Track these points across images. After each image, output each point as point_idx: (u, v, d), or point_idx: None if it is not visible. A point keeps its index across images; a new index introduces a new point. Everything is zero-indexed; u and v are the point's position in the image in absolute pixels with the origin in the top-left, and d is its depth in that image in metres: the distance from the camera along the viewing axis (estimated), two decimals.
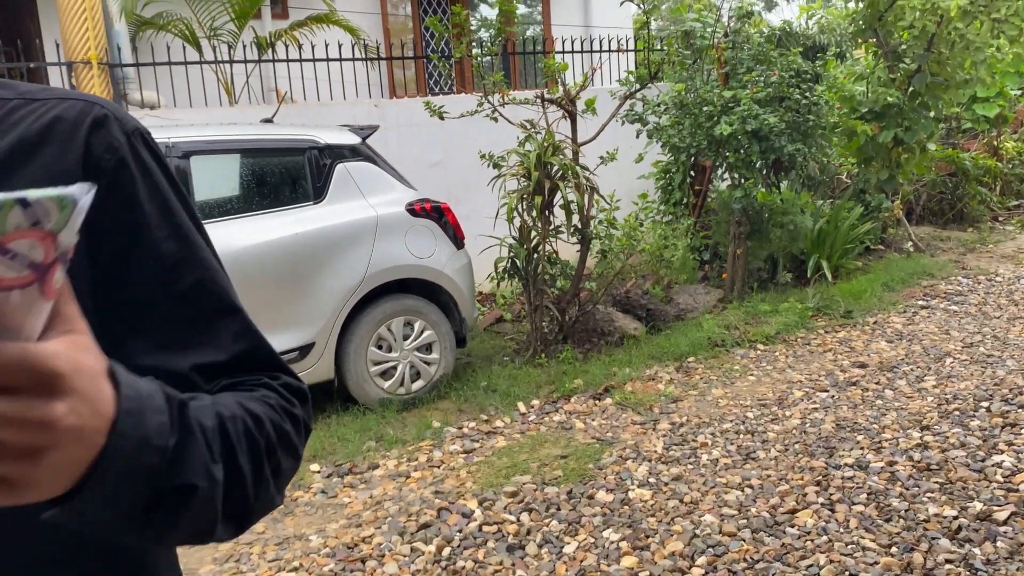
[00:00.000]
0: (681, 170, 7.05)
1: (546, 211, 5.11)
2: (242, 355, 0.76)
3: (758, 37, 6.25)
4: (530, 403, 4.58)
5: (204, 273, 0.77)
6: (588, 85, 5.38)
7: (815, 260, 6.68)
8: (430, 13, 9.32)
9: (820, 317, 5.91)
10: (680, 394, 4.62)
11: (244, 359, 0.76)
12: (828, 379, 4.73)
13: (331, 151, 4.59)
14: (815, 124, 6.18)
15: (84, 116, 0.73)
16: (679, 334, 5.47)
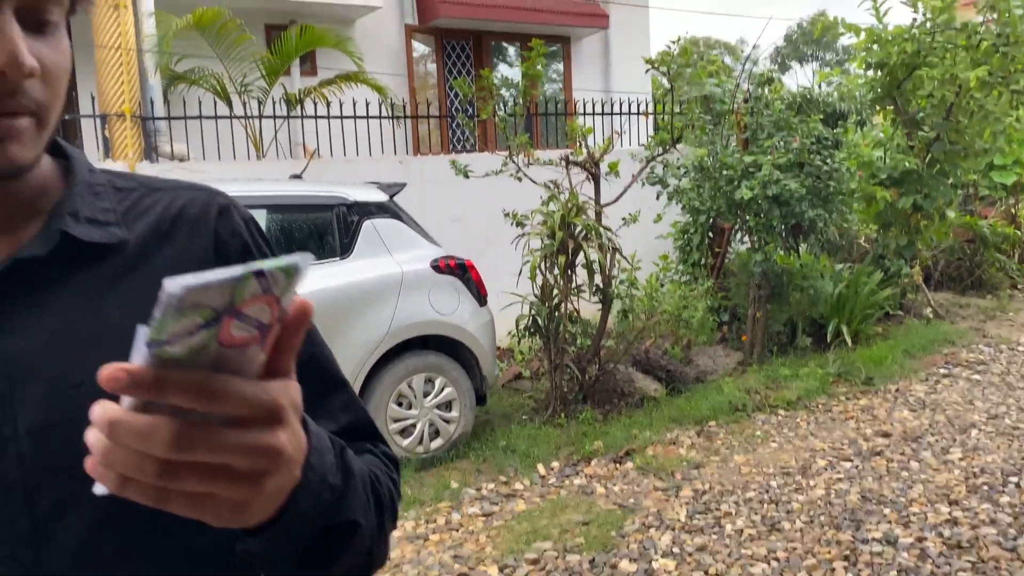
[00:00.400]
0: (700, 231, 7.08)
1: (569, 270, 5.13)
2: (350, 425, 0.82)
3: (779, 104, 6.33)
4: (550, 465, 4.54)
5: (316, 348, 0.82)
6: (611, 148, 5.45)
7: (835, 325, 6.66)
8: (454, 74, 9.52)
9: (841, 383, 5.87)
10: (702, 460, 4.57)
11: (352, 429, 0.82)
12: (852, 448, 4.67)
13: (359, 208, 4.64)
14: (835, 190, 6.22)
15: (210, 205, 0.79)
16: (699, 397, 5.44)
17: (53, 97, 0.68)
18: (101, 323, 0.71)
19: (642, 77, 10.28)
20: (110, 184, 0.79)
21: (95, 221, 0.75)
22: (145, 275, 0.74)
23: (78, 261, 0.72)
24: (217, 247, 0.77)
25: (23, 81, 0.64)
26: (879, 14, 7.29)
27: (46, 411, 0.69)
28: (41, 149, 0.69)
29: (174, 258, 0.75)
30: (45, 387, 0.69)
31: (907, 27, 7.23)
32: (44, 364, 0.69)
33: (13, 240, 0.72)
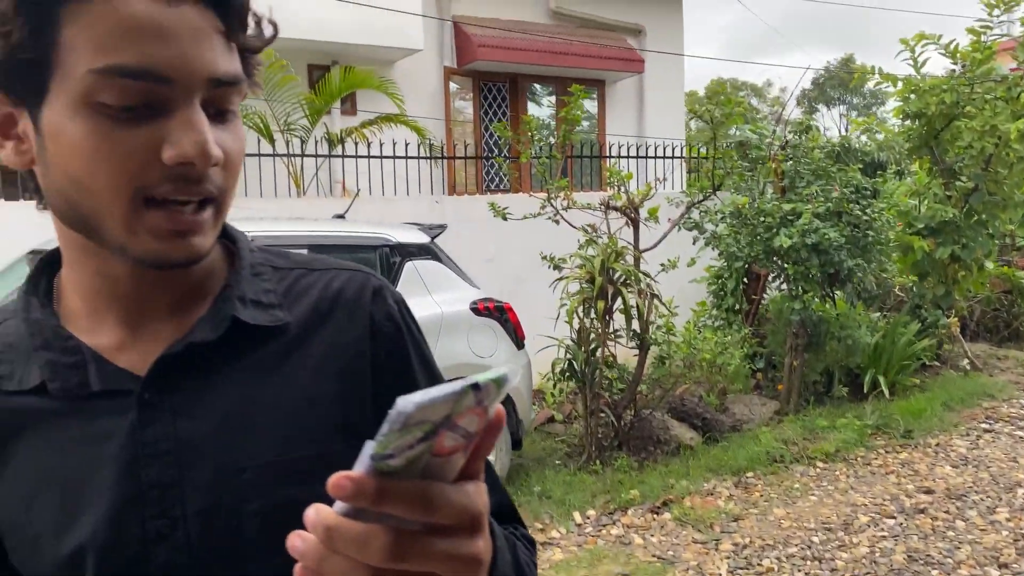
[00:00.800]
0: (735, 276, 7.06)
1: (607, 315, 5.12)
2: (496, 508, 0.82)
3: (819, 153, 6.33)
4: (586, 513, 4.49)
5: None
6: (652, 194, 5.47)
7: (872, 375, 6.57)
8: (490, 115, 9.63)
9: (879, 435, 5.77)
10: (741, 512, 4.50)
11: (497, 512, 0.81)
12: (894, 504, 4.58)
13: (401, 249, 4.68)
14: (874, 239, 6.18)
15: (365, 288, 0.81)
16: (736, 446, 5.37)
17: (231, 182, 0.71)
18: (263, 407, 0.73)
19: (676, 121, 10.37)
20: (269, 264, 0.81)
21: (259, 303, 0.77)
22: (305, 358, 0.76)
23: (244, 344, 0.74)
24: (372, 331, 0.79)
25: (209, 170, 0.66)
26: (917, 64, 7.30)
27: (212, 495, 0.70)
28: (216, 235, 0.72)
29: (332, 342, 0.77)
30: (211, 471, 0.70)
31: (945, 77, 7.23)
32: (211, 448, 0.71)
33: (182, 322, 0.75)
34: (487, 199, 6.31)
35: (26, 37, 0.63)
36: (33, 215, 3.60)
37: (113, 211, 0.65)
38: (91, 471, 0.69)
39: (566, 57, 9.31)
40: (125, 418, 0.70)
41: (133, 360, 0.72)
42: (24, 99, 0.66)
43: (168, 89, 0.64)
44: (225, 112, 0.69)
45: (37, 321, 0.73)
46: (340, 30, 7.51)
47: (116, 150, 0.63)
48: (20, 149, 0.69)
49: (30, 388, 0.71)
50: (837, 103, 36.24)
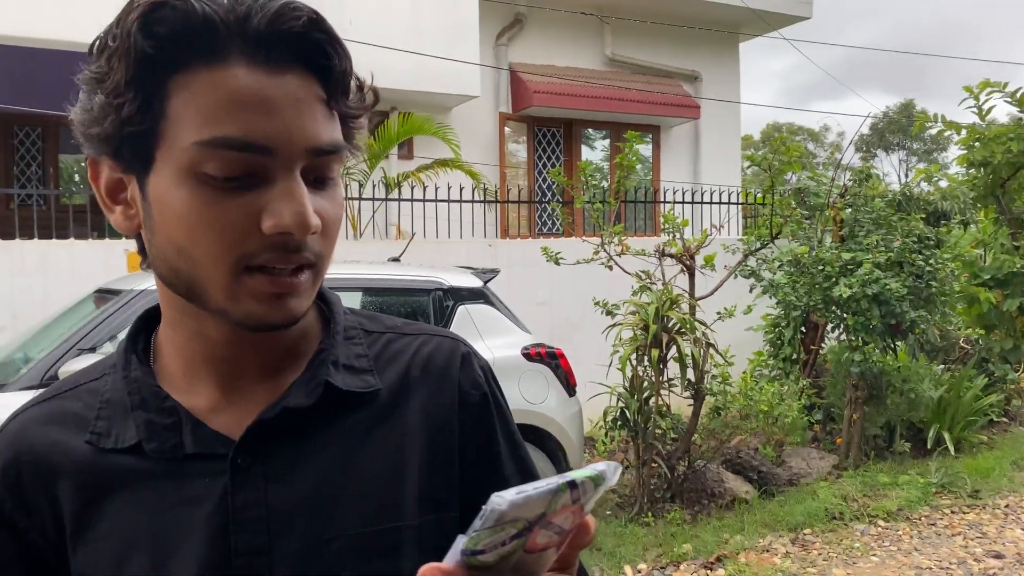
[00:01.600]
0: (792, 326, 6.92)
1: (661, 364, 5.05)
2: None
3: (880, 201, 6.22)
4: (637, 567, 4.39)
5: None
6: (708, 242, 5.42)
7: (936, 431, 6.34)
8: (544, 159, 9.70)
9: (944, 494, 5.54)
10: (798, 570, 4.34)
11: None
12: (961, 569, 4.38)
13: (454, 293, 4.71)
14: (938, 291, 6.01)
15: (455, 355, 0.80)
16: (793, 501, 5.21)
17: (329, 247, 0.71)
18: (353, 476, 0.73)
19: (732, 167, 10.32)
20: (360, 327, 0.81)
21: (351, 368, 0.77)
22: (396, 426, 0.76)
23: (336, 409, 0.74)
24: (460, 400, 0.78)
25: (307, 239, 0.67)
26: (982, 112, 7.16)
27: (300, 566, 0.70)
28: (313, 298, 0.72)
29: (422, 409, 0.77)
30: (300, 541, 0.70)
31: (1012, 126, 7.07)
32: (302, 517, 0.71)
33: (276, 384, 0.75)
34: (540, 243, 6.33)
35: (136, 110, 0.65)
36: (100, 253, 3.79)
37: (215, 278, 0.66)
38: (182, 535, 0.69)
39: (621, 103, 9.36)
40: (218, 482, 0.70)
41: (227, 423, 0.72)
42: (132, 167, 0.68)
43: (270, 160, 0.65)
44: (325, 179, 0.70)
45: (136, 379, 0.74)
46: (399, 77, 7.68)
47: (218, 219, 0.64)
48: (128, 214, 0.70)
49: (126, 447, 0.72)
50: (896, 148, 35.67)
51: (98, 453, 0.72)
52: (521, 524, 0.45)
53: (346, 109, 0.71)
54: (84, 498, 0.71)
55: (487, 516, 0.44)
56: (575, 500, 0.46)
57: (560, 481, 0.45)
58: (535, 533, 0.46)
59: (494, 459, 0.78)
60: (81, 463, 0.72)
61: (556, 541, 0.48)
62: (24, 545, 0.73)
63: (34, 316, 5.02)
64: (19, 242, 5.57)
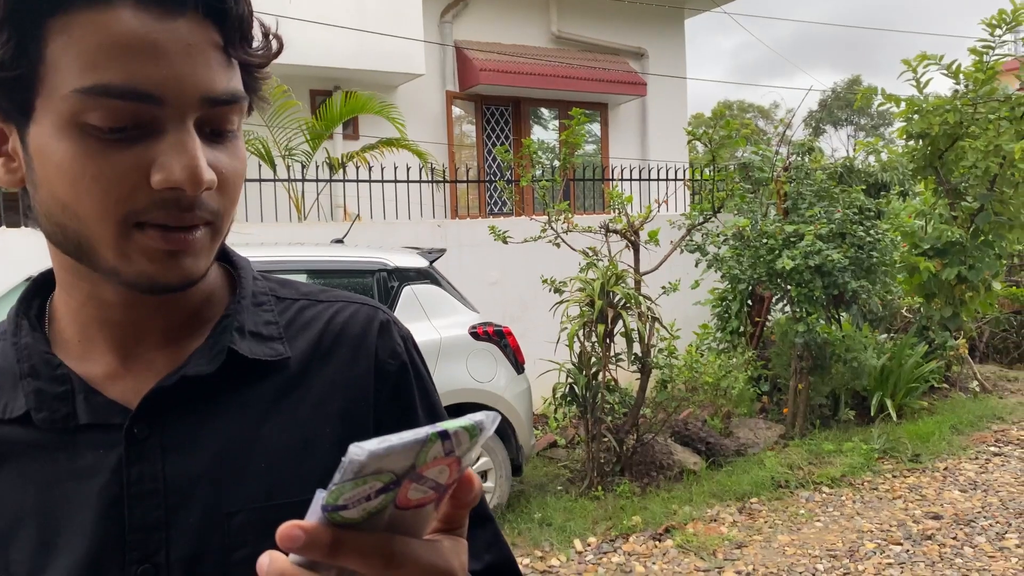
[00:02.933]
0: (739, 299, 7.01)
1: (608, 339, 5.08)
2: (494, 565, 0.77)
3: (821, 174, 6.30)
4: (587, 540, 4.42)
5: None
6: (651, 217, 5.44)
7: (879, 398, 6.49)
8: (492, 138, 9.65)
9: (886, 460, 5.69)
10: (744, 539, 4.42)
11: (495, 569, 0.77)
12: (901, 530, 4.50)
13: (399, 273, 4.66)
14: (878, 260, 6.13)
15: (372, 322, 0.77)
16: (740, 471, 5.29)
17: (228, 204, 0.67)
18: (258, 447, 0.69)
19: (679, 144, 10.36)
20: (272, 293, 0.78)
21: (259, 336, 0.73)
22: (304, 396, 0.72)
23: (240, 378, 0.71)
24: (377, 368, 0.75)
25: (201, 195, 0.63)
26: (919, 85, 7.28)
27: (199, 541, 0.66)
28: (212, 258, 0.68)
29: (334, 380, 0.73)
30: (199, 515, 0.67)
31: (949, 98, 7.21)
32: (201, 490, 0.67)
33: (177, 352, 0.71)
34: (489, 222, 6.30)
35: (10, 53, 0.60)
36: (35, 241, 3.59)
37: (102, 235, 0.62)
38: (73, 510, 0.65)
39: (568, 81, 9.34)
40: (112, 453, 0.66)
41: (124, 391, 0.68)
42: (11, 116, 0.64)
43: (158, 109, 0.60)
44: (223, 132, 0.66)
45: (26, 346, 0.70)
46: (342, 55, 7.55)
47: (103, 173, 0.60)
48: (10, 167, 0.66)
49: (15, 417, 0.68)
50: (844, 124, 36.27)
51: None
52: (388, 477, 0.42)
53: (245, 56, 0.66)
54: None
55: (346, 468, 0.41)
56: (448, 452, 0.43)
57: (430, 431, 0.42)
58: (405, 487, 0.43)
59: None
60: None
61: (432, 497, 0.46)
62: None
63: None
64: None
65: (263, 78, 0.71)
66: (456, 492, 0.48)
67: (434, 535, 0.49)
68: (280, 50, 0.70)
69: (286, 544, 0.43)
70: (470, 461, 0.46)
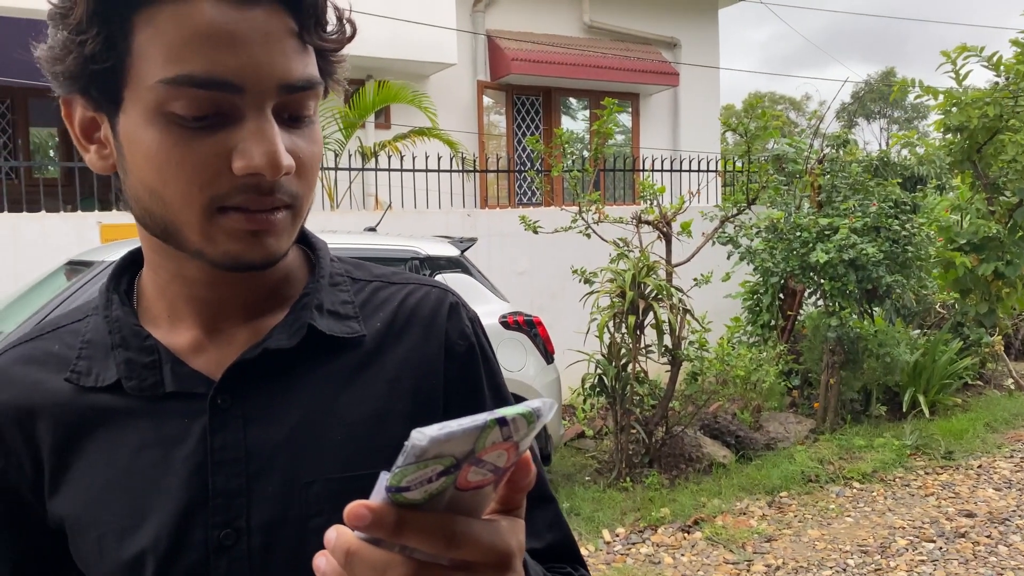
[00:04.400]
0: (770, 292, 6.95)
1: (638, 330, 5.07)
2: (554, 544, 0.78)
3: (856, 167, 6.22)
4: (615, 531, 4.43)
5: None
6: (685, 208, 5.41)
7: (911, 394, 6.42)
8: (523, 128, 9.64)
9: (919, 456, 5.63)
10: (774, 532, 4.40)
11: (555, 548, 0.78)
12: (933, 528, 4.45)
13: (431, 262, 4.68)
14: (913, 255, 6.05)
15: (441, 304, 0.79)
16: (770, 465, 5.27)
17: (307, 188, 0.69)
18: (334, 420, 0.72)
19: (711, 135, 10.28)
20: (347, 275, 0.80)
21: (336, 314, 0.76)
22: (378, 373, 0.75)
23: (318, 354, 0.73)
24: (447, 349, 0.77)
25: (280, 179, 0.65)
26: (959, 77, 7.16)
27: (277, 508, 0.69)
28: (293, 239, 0.70)
29: (406, 358, 0.75)
30: (278, 483, 0.69)
31: (988, 90, 7.08)
32: (280, 459, 0.70)
33: (259, 327, 0.74)
34: (519, 212, 6.30)
35: (100, 47, 0.63)
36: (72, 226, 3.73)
37: (188, 219, 0.65)
38: (159, 475, 0.69)
39: (600, 70, 9.30)
40: (196, 422, 0.69)
41: (208, 363, 0.72)
42: (103, 106, 0.66)
43: (238, 97, 0.63)
44: (301, 117, 0.68)
45: (117, 319, 0.73)
46: (375, 45, 7.58)
47: (187, 160, 0.63)
48: (102, 154, 0.69)
49: (106, 385, 0.71)
50: (878, 117, 35.74)
51: (78, 392, 0.72)
52: (448, 461, 0.44)
53: (320, 42, 0.68)
54: (63, 437, 0.71)
55: (408, 452, 0.43)
56: (506, 437, 0.45)
57: (488, 418, 0.44)
58: (465, 470, 0.45)
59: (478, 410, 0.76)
60: (61, 402, 0.71)
61: (491, 479, 0.47)
62: (1, 483, 0.73)
63: (5, 289, 4.95)
64: None
65: (338, 61, 0.72)
66: (513, 475, 0.49)
67: (492, 515, 0.50)
68: (354, 34, 0.71)
69: (353, 522, 0.44)
70: (527, 446, 0.48)
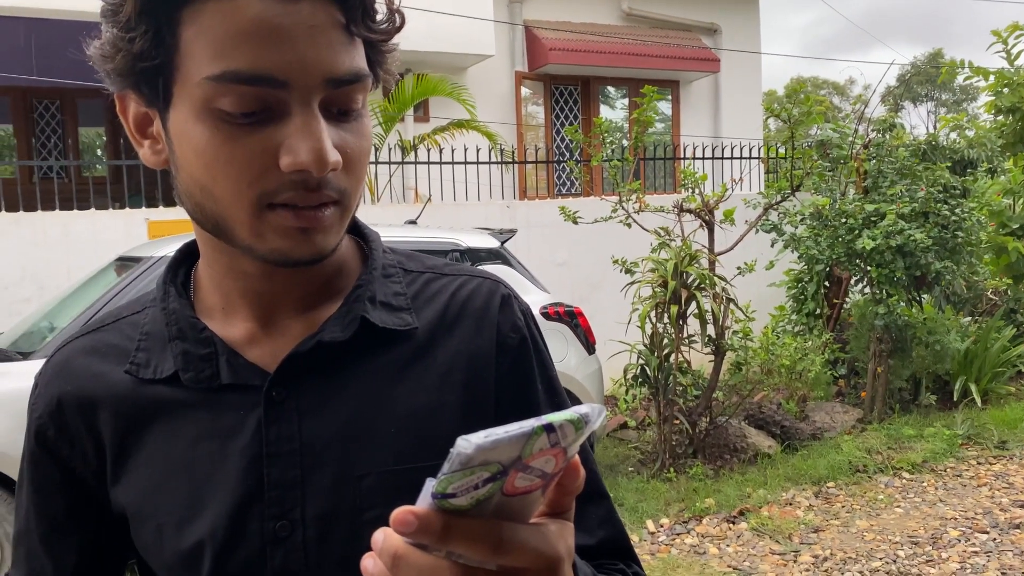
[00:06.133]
0: (815, 280, 6.85)
1: (681, 320, 5.03)
2: (606, 541, 0.77)
3: (904, 151, 6.09)
4: (659, 522, 4.41)
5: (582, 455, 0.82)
6: (728, 196, 5.35)
7: (962, 383, 6.27)
8: (561, 118, 9.60)
9: (970, 446, 5.50)
10: (821, 523, 4.34)
11: (607, 545, 0.77)
12: (986, 519, 4.35)
13: (472, 254, 4.69)
14: (964, 240, 5.90)
15: (493, 296, 0.78)
16: (816, 455, 5.19)
17: (355, 183, 0.68)
18: (387, 413, 0.72)
19: (753, 121, 10.13)
20: (400, 266, 0.80)
21: (388, 306, 0.75)
22: (430, 365, 0.74)
23: (372, 346, 0.73)
24: (499, 341, 0.76)
25: (327, 175, 0.64)
26: (1011, 56, 6.95)
27: (332, 500, 0.69)
28: (343, 234, 0.70)
29: (458, 350, 0.75)
30: (332, 475, 0.70)
31: None
32: (334, 452, 0.70)
33: (312, 319, 0.74)
34: (558, 203, 6.29)
35: (148, 44, 0.63)
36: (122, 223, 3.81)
37: (237, 216, 0.65)
38: (216, 466, 0.70)
39: (639, 58, 9.21)
40: (252, 414, 0.70)
41: (262, 355, 0.72)
42: (154, 102, 0.67)
43: (284, 93, 0.62)
44: (349, 111, 0.67)
45: (174, 311, 0.74)
46: (413, 38, 7.59)
47: (236, 157, 0.63)
48: (156, 149, 0.69)
49: (164, 377, 0.72)
50: (925, 100, 34.88)
51: (137, 384, 0.73)
52: (495, 467, 0.43)
53: (368, 33, 0.66)
54: (123, 428, 0.72)
55: (453, 460, 0.43)
56: (554, 444, 0.44)
57: (536, 424, 0.43)
58: (512, 476, 0.44)
59: (530, 404, 0.75)
60: (121, 393, 0.73)
61: (539, 484, 0.46)
62: (67, 472, 0.75)
63: (58, 286, 5.09)
64: (41, 214, 5.62)
65: (388, 51, 0.71)
66: (562, 480, 0.49)
67: (541, 518, 0.50)
68: (403, 24, 0.70)
69: (399, 528, 0.44)
70: (576, 451, 0.47)
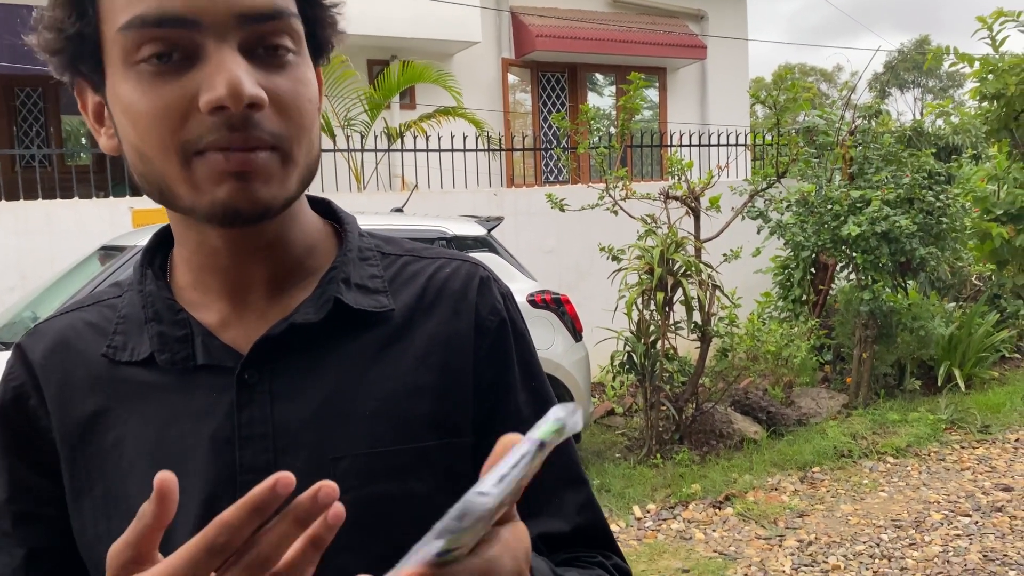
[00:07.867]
0: (801, 267, 6.87)
1: (667, 307, 5.04)
2: (583, 528, 0.76)
3: (889, 138, 6.11)
4: (646, 507, 4.44)
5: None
6: (714, 183, 5.35)
7: (946, 368, 6.33)
8: (548, 105, 9.58)
9: (954, 430, 5.56)
10: (806, 508, 4.38)
11: (584, 532, 0.76)
12: (969, 502, 4.40)
13: (458, 242, 4.69)
14: (948, 226, 5.94)
15: (471, 278, 0.77)
16: (802, 440, 5.23)
17: (295, 128, 0.65)
18: (362, 395, 0.71)
19: (740, 108, 10.14)
20: (377, 249, 0.79)
21: (364, 288, 0.74)
22: (407, 348, 0.73)
23: (346, 329, 0.72)
24: (477, 324, 0.75)
25: (253, 113, 0.62)
26: (995, 43, 6.98)
27: (305, 484, 0.68)
28: (292, 191, 0.67)
29: (435, 333, 0.74)
30: (305, 459, 0.68)
31: None
32: (307, 435, 0.69)
33: (286, 301, 0.73)
34: (545, 191, 6.28)
35: (74, 23, 0.63)
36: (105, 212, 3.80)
37: (169, 171, 0.63)
38: (188, 448, 0.69)
39: (625, 45, 9.19)
40: (224, 398, 0.69)
41: (236, 337, 0.71)
42: (93, 80, 0.66)
43: (196, 33, 0.60)
44: (276, 53, 0.64)
45: (150, 293, 0.74)
46: (399, 25, 7.56)
47: (156, 106, 0.61)
48: (109, 133, 0.69)
49: (140, 360, 0.71)
50: (912, 87, 34.96)
51: (113, 366, 0.72)
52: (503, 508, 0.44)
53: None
54: (95, 408, 0.71)
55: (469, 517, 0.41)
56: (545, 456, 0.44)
57: (531, 448, 0.43)
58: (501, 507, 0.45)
59: (508, 387, 0.75)
60: (96, 374, 0.72)
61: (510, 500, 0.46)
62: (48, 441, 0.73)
63: (41, 275, 5.05)
64: (24, 203, 5.57)
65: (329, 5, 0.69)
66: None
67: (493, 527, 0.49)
68: None
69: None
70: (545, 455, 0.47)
